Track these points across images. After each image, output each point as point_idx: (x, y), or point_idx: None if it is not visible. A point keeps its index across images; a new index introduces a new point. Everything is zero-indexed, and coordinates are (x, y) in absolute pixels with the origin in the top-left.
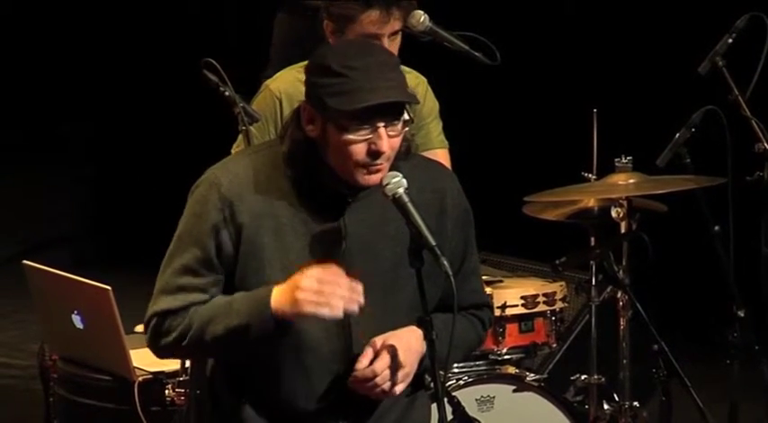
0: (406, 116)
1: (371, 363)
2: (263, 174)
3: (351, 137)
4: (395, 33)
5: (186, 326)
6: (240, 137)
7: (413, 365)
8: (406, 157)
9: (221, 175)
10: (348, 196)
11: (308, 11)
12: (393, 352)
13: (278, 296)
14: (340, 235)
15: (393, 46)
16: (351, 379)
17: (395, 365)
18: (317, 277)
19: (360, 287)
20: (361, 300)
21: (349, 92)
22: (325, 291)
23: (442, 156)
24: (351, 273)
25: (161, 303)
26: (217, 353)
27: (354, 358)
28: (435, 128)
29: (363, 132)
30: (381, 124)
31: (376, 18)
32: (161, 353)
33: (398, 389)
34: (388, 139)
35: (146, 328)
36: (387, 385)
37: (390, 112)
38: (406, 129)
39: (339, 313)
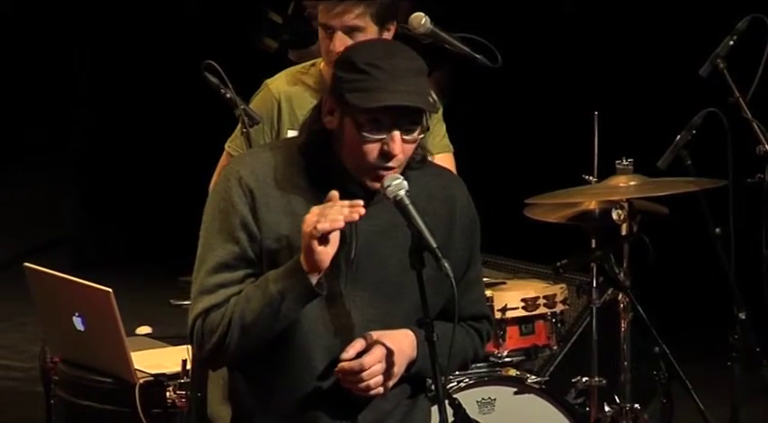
0: (424, 123)
1: (360, 355)
2: (280, 171)
3: (366, 135)
4: (354, 29)
5: (229, 316)
6: (235, 132)
7: (401, 368)
8: (420, 166)
9: (240, 168)
10: (362, 198)
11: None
12: (384, 350)
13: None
14: (350, 238)
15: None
16: (337, 369)
17: (384, 364)
18: (316, 210)
19: (360, 201)
20: (362, 211)
21: (369, 90)
22: (323, 212)
23: (446, 159)
24: (358, 279)
25: (201, 304)
26: (261, 335)
27: None
28: (439, 131)
29: (378, 133)
30: (397, 127)
31: (326, 7)
32: (211, 356)
33: (383, 388)
34: (402, 144)
35: (191, 336)
36: (373, 382)
37: (408, 116)
38: (422, 136)
39: (339, 224)
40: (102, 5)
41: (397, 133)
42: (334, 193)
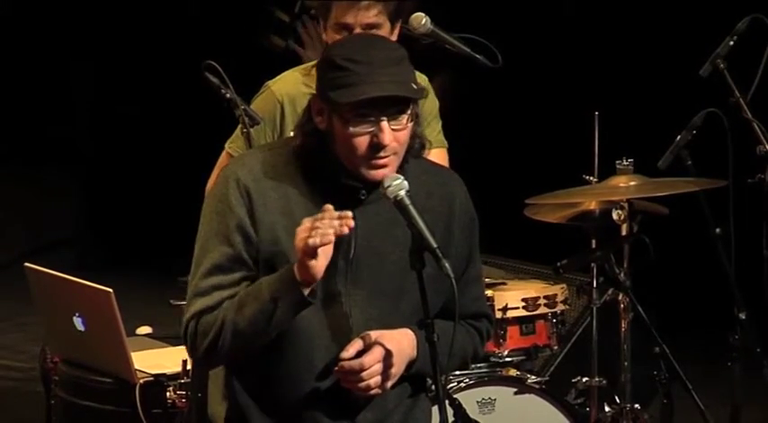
0: (411, 110)
1: (360, 355)
2: (278, 170)
3: (353, 129)
4: (372, 27)
5: (220, 322)
6: (236, 133)
7: (400, 367)
8: (419, 155)
9: (237, 169)
10: (360, 192)
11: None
12: (384, 350)
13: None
14: (350, 236)
15: None
16: (337, 368)
17: (384, 363)
18: (307, 223)
19: (349, 213)
20: (351, 223)
21: (350, 85)
22: (315, 225)
23: (440, 155)
24: (357, 278)
25: (195, 306)
26: (254, 340)
27: None
28: (435, 127)
29: (365, 125)
30: (384, 118)
31: (342, 6)
32: (204, 358)
33: (383, 388)
34: (392, 133)
35: (184, 337)
36: (372, 381)
37: (393, 105)
38: (411, 123)
39: (329, 238)
40: (103, 5)
41: (384, 123)
42: (328, 206)
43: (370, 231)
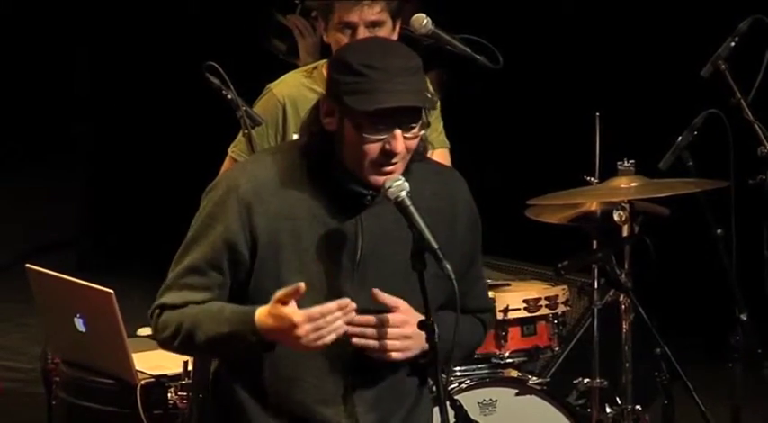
0: (423, 119)
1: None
2: (283, 174)
3: (366, 136)
4: (376, 25)
5: (178, 324)
6: (239, 137)
7: (416, 345)
8: (422, 159)
9: (240, 176)
10: (365, 198)
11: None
12: (407, 318)
13: (262, 317)
14: (356, 238)
15: None
16: (360, 319)
17: (406, 332)
18: (308, 317)
19: (348, 302)
20: (354, 316)
21: (367, 92)
22: (321, 327)
23: (442, 156)
24: (364, 279)
25: (164, 298)
26: (210, 355)
27: (360, 362)
28: (437, 127)
29: (379, 133)
30: (398, 127)
31: (345, 5)
32: (162, 346)
33: (396, 355)
34: (404, 141)
35: (150, 318)
36: (397, 344)
37: (408, 115)
38: (422, 131)
39: (341, 333)
40: (104, 6)
41: (398, 132)
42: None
43: (376, 233)
